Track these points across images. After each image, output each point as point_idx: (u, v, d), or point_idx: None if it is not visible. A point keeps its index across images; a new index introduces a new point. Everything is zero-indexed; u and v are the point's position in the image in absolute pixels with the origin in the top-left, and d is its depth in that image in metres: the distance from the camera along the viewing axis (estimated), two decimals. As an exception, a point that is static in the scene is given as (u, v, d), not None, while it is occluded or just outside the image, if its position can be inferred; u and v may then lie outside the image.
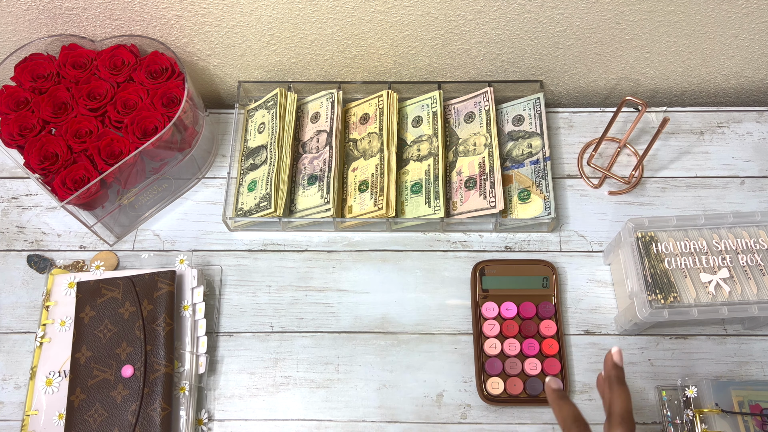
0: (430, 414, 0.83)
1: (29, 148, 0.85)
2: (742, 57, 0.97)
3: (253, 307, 0.90)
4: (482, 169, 0.92)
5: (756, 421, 0.76)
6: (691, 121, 1.00)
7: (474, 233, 0.94)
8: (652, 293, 0.79)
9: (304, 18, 0.90)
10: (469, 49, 0.95)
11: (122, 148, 0.85)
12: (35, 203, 0.96)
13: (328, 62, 0.98)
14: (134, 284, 0.83)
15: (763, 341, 0.86)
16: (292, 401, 0.84)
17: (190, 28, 0.92)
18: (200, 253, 0.93)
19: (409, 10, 0.88)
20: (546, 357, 0.85)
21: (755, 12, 0.88)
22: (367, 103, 0.99)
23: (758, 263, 0.80)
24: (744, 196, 0.95)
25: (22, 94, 0.88)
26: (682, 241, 0.81)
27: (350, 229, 0.94)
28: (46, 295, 0.87)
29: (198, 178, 0.98)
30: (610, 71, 1.00)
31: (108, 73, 0.88)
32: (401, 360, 0.86)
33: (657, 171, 0.97)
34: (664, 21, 0.90)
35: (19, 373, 0.86)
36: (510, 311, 0.86)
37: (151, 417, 0.77)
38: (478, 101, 0.98)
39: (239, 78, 1.01)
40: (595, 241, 0.93)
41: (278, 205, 0.90)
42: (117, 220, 0.91)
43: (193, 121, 0.91)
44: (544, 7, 0.87)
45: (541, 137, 0.95)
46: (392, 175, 0.92)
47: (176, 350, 0.82)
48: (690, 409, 0.78)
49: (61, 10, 0.88)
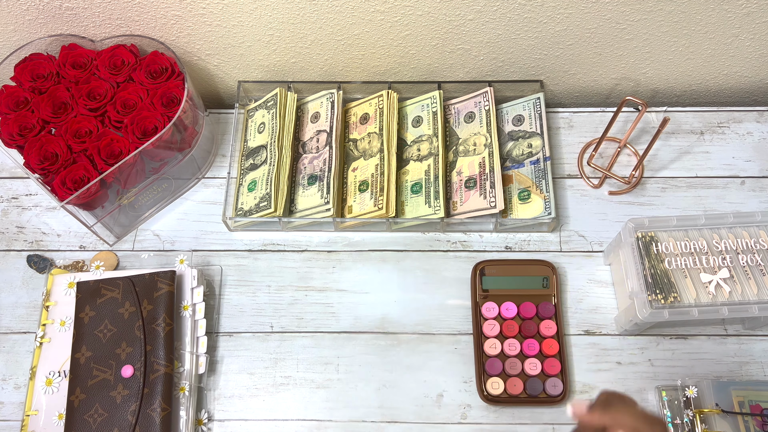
0: (430, 414, 0.83)
1: (29, 148, 0.85)
2: (742, 57, 0.97)
3: (253, 307, 0.89)
4: (482, 169, 0.92)
5: (756, 421, 0.76)
6: (691, 121, 1.00)
7: (474, 233, 0.93)
8: (653, 293, 0.79)
9: (304, 18, 0.90)
10: (469, 49, 0.95)
11: (122, 148, 0.85)
12: (35, 203, 0.96)
13: (328, 62, 0.98)
14: (134, 284, 0.83)
15: (763, 341, 0.86)
16: (292, 401, 0.84)
17: (190, 28, 0.92)
18: (200, 253, 0.93)
19: (409, 10, 0.88)
20: (546, 357, 0.85)
21: (755, 12, 0.88)
22: (367, 103, 0.99)
23: (758, 263, 0.80)
24: (744, 196, 0.95)
25: (22, 94, 0.88)
26: (682, 241, 0.81)
27: (350, 229, 0.94)
28: (46, 295, 0.87)
29: (198, 178, 0.98)
30: (610, 71, 1.00)
31: (108, 73, 0.88)
32: (401, 360, 0.86)
33: (657, 171, 0.97)
34: (665, 21, 0.90)
35: (19, 373, 0.86)
36: (510, 311, 0.86)
37: (151, 417, 0.77)
38: (478, 101, 0.98)
39: (239, 78, 1.01)
40: (595, 241, 0.93)
41: (278, 205, 0.90)
42: (117, 220, 0.91)
43: (193, 121, 0.91)
44: (544, 7, 0.87)
45: (541, 137, 0.95)
46: (392, 175, 0.92)
47: (176, 350, 0.82)
48: (690, 410, 0.78)
49: (61, 10, 0.88)
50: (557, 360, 0.84)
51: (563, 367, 0.84)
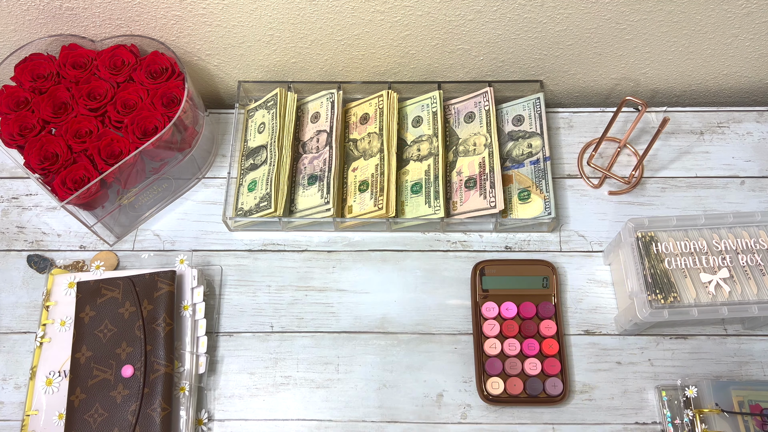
0: (430, 414, 0.83)
1: (29, 148, 0.85)
2: (742, 57, 0.97)
3: (253, 307, 0.90)
4: (482, 169, 0.92)
5: (756, 421, 0.76)
6: (691, 121, 1.00)
7: (474, 233, 0.94)
8: (652, 293, 0.79)
9: (304, 18, 0.90)
10: (469, 49, 0.95)
11: (122, 148, 0.85)
12: (35, 203, 0.97)
13: (328, 62, 0.98)
14: (134, 284, 0.83)
15: (763, 341, 0.86)
16: (292, 401, 0.84)
17: (190, 28, 0.92)
18: (200, 253, 0.93)
19: (409, 10, 0.88)
20: (546, 357, 0.85)
21: (755, 12, 0.88)
22: (367, 103, 0.99)
23: (758, 263, 0.80)
24: (744, 196, 0.95)
25: (22, 94, 0.88)
26: (682, 241, 0.81)
27: (350, 229, 0.94)
28: (46, 295, 0.87)
29: (198, 178, 0.98)
30: (610, 71, 1.00)
31: (108, 73, 0.88)
32: (401, 360, 0.86)
33: (657, 171, 0.97)
34: (664, 21, 0.90)
35: (19, 373, 0.86)
36: (510, 311, 0.86)
37: (151, 417, 0.77)
38: (478, 101, 0.98)
39: (239, 78, 1.01)
40: (595, 241, 0.93)
41: (278, 205, 0.90)
42: (117, 220, 0.91)
43: (193, 121, 0.91)
44: (544, 7, 0.87)
45: (541, 137, 0.95)
46: (392, 175, 0.92)
47: (176, 350, 0.82)
48: (690, 409, 0.78)
49: (61, 10, 0.88)
50: (557, 360, 0.84)
51: (563, 367, 0.84)
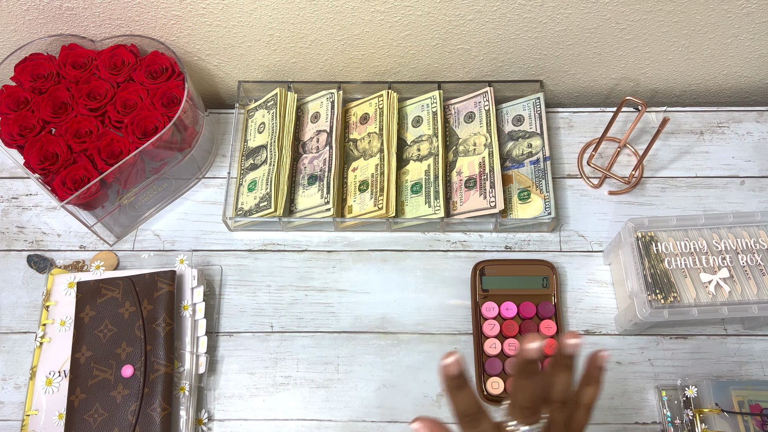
0: (430, 414, 0.83)
1: (29, 148, 0.85)
2: (742, 57, 0.97)
3: (253, 307, 0.89)
4: (482, 169, 0.92)
5: (756, 421, 0.76)
6: (691, 121, 1.00)
7: (474, 233, 0.94)
8: (652, 293, 0.79)
9: (304, 18, 0.90)
10: (469, 49, 0.95)
11: (122, 148, 0.85)
12: (35, 203, 0.96)
13: (328, 62, 0.98)
14: (134, 284, 0.83)
15: (763, 341, 0.86)
16: (292, 401, 0.84)
17: (190, 28, 0.92)
18: (200, 253, 0.93)
19: (409, 10, 0.88)
20: (546, 357, 0.85)
21: (755, 12, 0.88)
22: (367, 103, 0.99)
23: (758, 263, 0.80)
24: (744, 196, 0.95)
25: (22, 94, 0.88)
26: (682, 241, 0.81)
27: (350, 229, 0.94)
28: (46, 295, 0.87)
29: (198, 178, 0.98)
30: (610, 71, 1.00)
31: (108, 73, 0.88)
32: (401, 360, 0.86)
33: (657, 171, 0.97)
34: (664, 21, 0.90)
35: (19, 373, 0.86)
36: (510, 311, 0.86)
37: (151, 417, 0.77)
38: (478, 101, 0.98)
39: (239, 78, 1.01)
40: (595, 241, 0.93)
41: (278, 205, 0.90)
42: (117, 220, 0.91)
43: (193, 121, 0.91)
44: (544, 7, 0.87)
45: (541, 137, 0.95)
46: (392, 175, 0.92)
47: (176, 350, 0.82)
48: (690, 409, 0.78)
49: (61, 10, 0.88)
50: (557, 360, 0.84)
51: (563, 366, 0.84)
